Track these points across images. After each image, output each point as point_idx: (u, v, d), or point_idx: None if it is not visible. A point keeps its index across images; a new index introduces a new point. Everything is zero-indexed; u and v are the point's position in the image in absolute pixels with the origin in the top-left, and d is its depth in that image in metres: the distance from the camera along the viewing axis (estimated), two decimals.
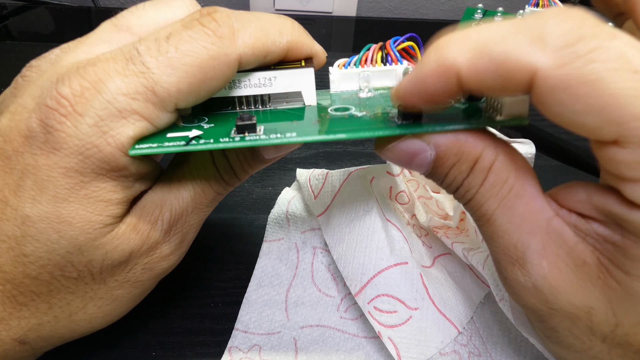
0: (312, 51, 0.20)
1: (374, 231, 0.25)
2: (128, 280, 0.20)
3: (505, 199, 0.17)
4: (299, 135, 0.17)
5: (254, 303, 0.26)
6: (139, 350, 0.24)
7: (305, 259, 0.28)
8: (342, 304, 0.26)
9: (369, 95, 0.21)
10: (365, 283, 0.24)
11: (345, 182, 0.27)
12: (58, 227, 0.17)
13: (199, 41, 0.16)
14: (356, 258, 0.24)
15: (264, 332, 0.25)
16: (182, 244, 0.21)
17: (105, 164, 0.17)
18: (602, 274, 0.15)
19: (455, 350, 0.23)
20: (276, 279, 0.27)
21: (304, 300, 0.27)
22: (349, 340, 0.25)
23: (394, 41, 0.22)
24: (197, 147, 0.17)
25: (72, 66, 0.17)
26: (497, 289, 0.22)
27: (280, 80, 0.19)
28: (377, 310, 0.23)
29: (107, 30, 0.19)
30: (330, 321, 0.26)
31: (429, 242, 0.28)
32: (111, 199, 0.17)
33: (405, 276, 0.24)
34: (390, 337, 0.22)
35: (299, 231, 0.29)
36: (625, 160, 0.14)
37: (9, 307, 0.18)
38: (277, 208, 0.29)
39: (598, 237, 0.16)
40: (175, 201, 0.19)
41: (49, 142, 0.16)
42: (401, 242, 0.25)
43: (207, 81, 0.17)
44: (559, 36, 0.13)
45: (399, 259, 0.24)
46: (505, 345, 0.25)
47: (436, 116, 0.18)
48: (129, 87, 0.16)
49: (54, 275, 0.18)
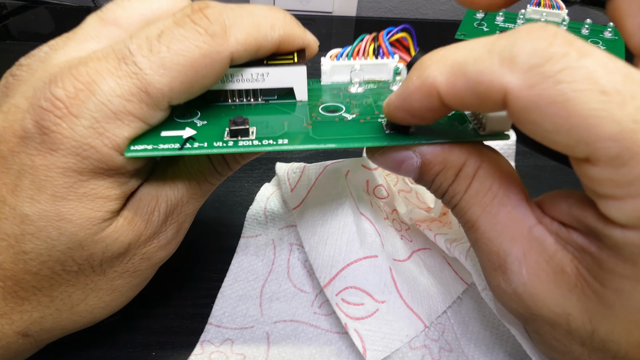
0: (304, 42, 0.20)
1: (345, 224, 0.24)
2: (127, 271, 0.20)
3: (488, 205, 0.17)
4: (290, 143, 0.18)
5: (228, 298, 0.26)
6: (139, 350, 0.24)
7: (282, 255, 0.28)
8: (317, 300, 0.26)
9: (359, 90, 0.21)
10: (334, 275, 0.23)
11: (321, 176, 0.27)
12: (58, 225, 0.17)
13: (191, 40, 0.16)
14: (326, 250, 0.24)
15: (237, 327, 0.25)
16: (179, 233, 0.21)
17: (103, 164, 0.17)
18: (580, 282, 0.16)
19: (425, 344, 0.23)
20: (252, 275, 0.27)
21: (278, 295, 0.26)
22: (322, 335, 0.25)
23: (387, 32, 0.22)
24: (191, 151, 0.17)
25: (64, 65, 0.17)
26: (479, 279, 0.21)
27: (273, 76, 0.19)
28: (344, 302, 0.23)
29: (94, 25, 0.19)
30: (304, 316, 0.26)
31: (410, 236, 0.28)
32: (109, 196, 0.18)
33: (374, 269, 0.23)
34: (357, 329, 0.22)
35: (277, 227, 0.29)
36: (597, 177, 0.14)
37: (11, 302, 0.18)
38: (256, 204, 0.29)
39: (577, 247, 0.16)
40: (171, 192, 0.20)
41: (45, 143, 0.16)
42: (373, 235, 0.25)
43: (200, 79, 0.17)
44: (527, 56, 0.13)
45: (369, 252, 0.24)
46: (480, 341, 0.24)
47: (423, 126, 0.18)
48: (123, 89, 0.16)
49: (55, 270, 0.18)
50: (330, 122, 0.19)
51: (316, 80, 0.22)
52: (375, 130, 0.18)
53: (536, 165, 0.37)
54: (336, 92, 0.21)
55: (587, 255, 0.15)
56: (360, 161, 0.27)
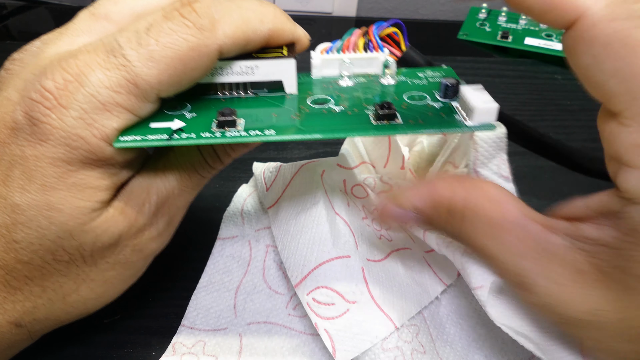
0: (294, 36, 0.20)
1: (318, 224, 0.24)
2: (118, 262, 0.20)
3: (488, 231, 0.17)
4: (277, 134, 0.18)
5: (202, 299, 0.26)
6: (139, 350, 0.24)
7: (258, 256, 0.27)
8: (292, 302, 0.26)
9: (349, 84, 0.21)
10: (305, 274, 0.23)
11: (296, 175, 0.26)
12: (48, 214, 0.17)
13: (179, 33, 0.16)
14: (299, 249, 0.24)
15: (210, 328, 0.25)
16: (170, 226, 0.21)
17: (92, 154, 0.17)
18: (600, 276, 0.15)
19: (398, 346, 0.22)
20: (227, 276, 0.27)
21: (252, 297, 0.26)
22: (295, 336, 0.24)
23: (378, 27, 0.22)
24: (180, 142, 0.17)
25: (54, 58, 0.17)
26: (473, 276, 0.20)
27: (262, 69, 0.19)
28: (315, 302, 0.22)
29: (86, 20, 0.19)
30: (278, 318, 0.25)
31: (391, 235, 0.27)
32: (99, 186, 0.18)
33: (346, 269, 0.23)
34: (327, 329, 0.22)
35: (253, 229, 0.28)
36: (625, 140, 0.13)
37: (3, 291, 0.18)
38: (233, 205, 0.29)
39: (589, 241, 0.16)
40: (162, 185, 0.20)
41: (35, 134, 0.16)
42: (346, 235, 0.24)
43: (188, 72, 0.17)
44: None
45: (341, 252, 0.23)
46: (456, 344, 0.23)
47: (410, 115, 0.18)
48: (111, 81, 0.16)
49: (46, 260, 0.18)
50: (319, 113, 0.19)
51: (306, 74, 0.22)
52: (362, 121, 0.18)
53: (536, 165, 0.36)
54: (326, 86, 0.21)
55: (601, 247, 0.15)
56: (336, 160, 0.27)
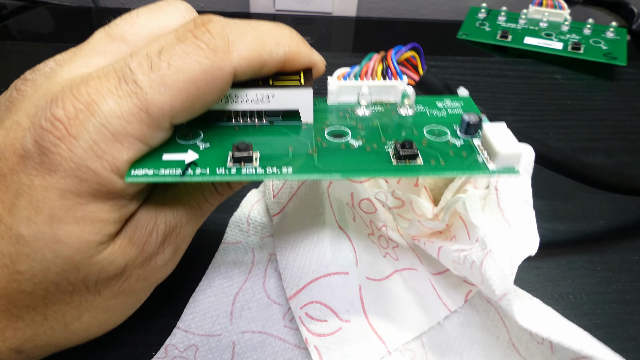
0: (310, 61, 0.19)
1: (319, 237, 0.24)
2: (123, 291, 0.19)
3: None
4: (295, 173, 0.17)
5: (199, 303, 0.26)
6: (139, 350, 0.24)
7: (260, 264, 0.27)
8: (289, 313, 0.25)
9: (367, 113, 0.21)
10: (301, 288, 0.23)
11: (303, 185, 0.26)
12: (54, 247, 0.16)
13: (192, 55, 0.16)
14: (297, 261, 0.23)
15: (204, 333, 0.25)
16: (176, 254, 0.21)
17: (102, 187, 0.16)
18: None
19: None
20: (227, 282, 0.27)
21: (250, 305, 0.26)
22: (289, 350, 0.24)
23: (396, 52, 0.22)
24: (194, 178, 0.17)
25: (66, 84, 0.17)
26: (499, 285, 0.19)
27: (278, 97, 0.19)
28: (307, 316, 0.22)
29: (101, 40, 0.19)
30: (273, 329, 0.25)
31: (397, 254, 0.26)
32: (108, 219, 0.17)
33: (343, 287, 0.22)
34: (316, 346, 0.21)
35: (258, 236, 0.28)
36: None
37: (4, 319, 0.18)
38: (240, 210, 0.29)
39: None
40: (170, 214, 0.19)
41: (44, 164, 0.16)
42: (347, 251, 0.24)
43: (201, 96, 0.17)
44: None
45: (340, 268, 0.23)
46: None
47: (431, 154, 0.18)
48: (123, 109, 0.16)
49: (49, 291, 0.18)
50: (336, 149, 0.18)
51: (322, 100, 0.21)
52: (382, 159, 0.18)
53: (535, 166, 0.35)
54: (342, 114, 0.20)
55: None
56: None
